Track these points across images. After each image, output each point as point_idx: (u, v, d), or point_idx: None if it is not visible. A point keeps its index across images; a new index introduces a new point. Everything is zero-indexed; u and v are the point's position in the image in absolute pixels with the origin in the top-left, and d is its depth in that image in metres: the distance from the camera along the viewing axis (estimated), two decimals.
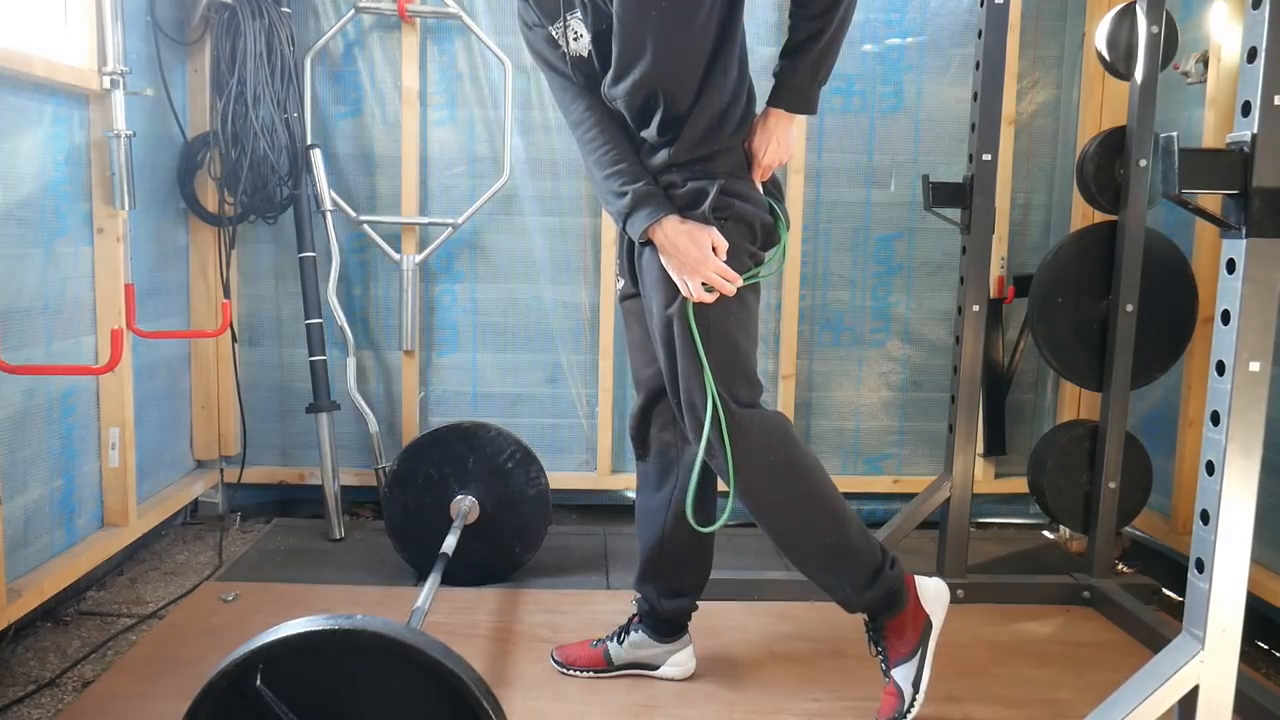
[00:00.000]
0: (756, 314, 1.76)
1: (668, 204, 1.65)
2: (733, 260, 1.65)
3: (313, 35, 2.83)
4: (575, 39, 1.65)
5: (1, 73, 1.93)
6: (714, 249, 1.62)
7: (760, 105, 1.74)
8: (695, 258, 1.61)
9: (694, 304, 1.65)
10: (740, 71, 1.68)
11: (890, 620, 1.78)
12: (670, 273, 1.65)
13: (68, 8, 2.20)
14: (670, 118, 1.63)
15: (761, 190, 1.73)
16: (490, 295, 2.96)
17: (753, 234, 1.69)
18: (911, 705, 1.75)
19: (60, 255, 2.17)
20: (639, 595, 1.97)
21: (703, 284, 1.63)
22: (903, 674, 1.77)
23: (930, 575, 2.47)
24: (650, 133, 1.65)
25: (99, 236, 2.29)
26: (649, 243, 1.67)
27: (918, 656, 1.77)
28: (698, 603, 1.98)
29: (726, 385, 1.67)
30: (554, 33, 1.68)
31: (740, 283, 1.65)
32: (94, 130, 2.27)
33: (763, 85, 1.71)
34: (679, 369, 1.68)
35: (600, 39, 1.63)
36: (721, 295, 1.64)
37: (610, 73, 1.64)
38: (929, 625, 1.79)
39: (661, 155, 1.66)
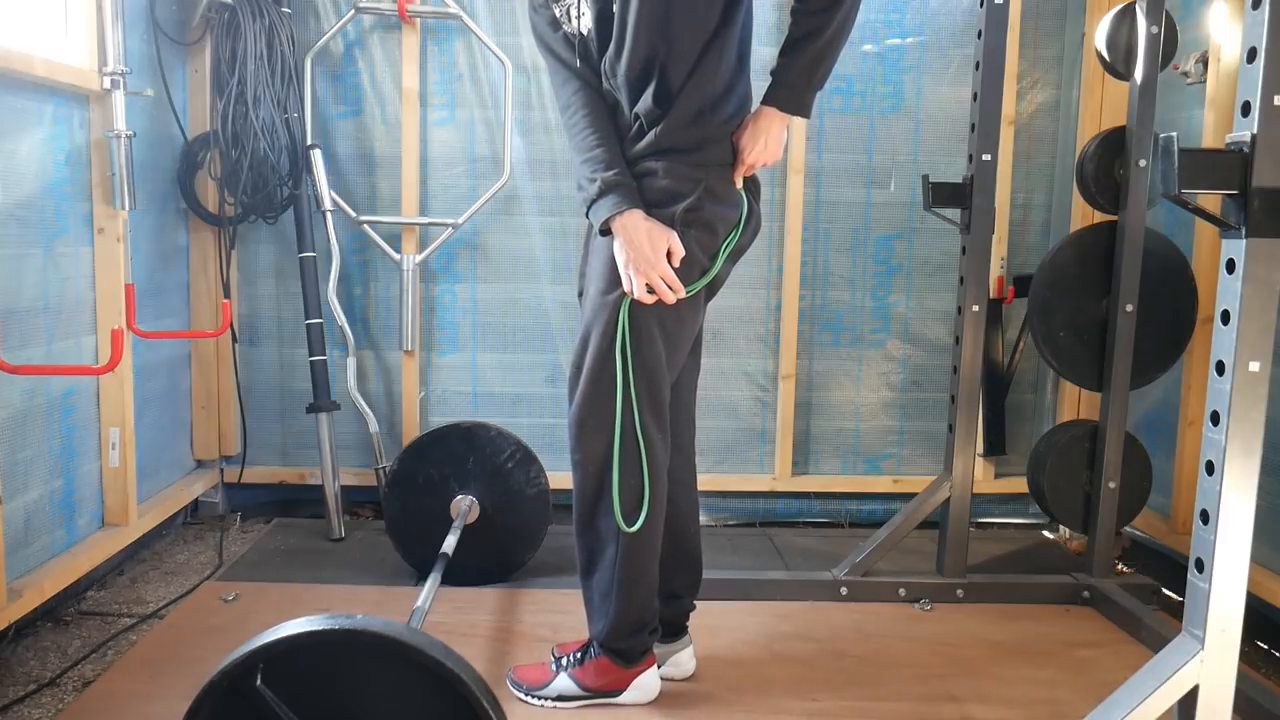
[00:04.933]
0: (688, 335, 1.77)
1: (636, 198, 1.65)
2: (684, 270, 1.66)
3: (313, 35, 2.83)
4: (579, 16, 1.67)
5: (2, 73, 1.94)
6: (669, 254, 1.63)
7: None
8: (648, 258, 1.62)
9: (631, 302, 1.66)
10: (739, 63, 1.69)
11: (606, 659, 1.81)
12: (619, 264, 1.65)
13: (68, 8, 2.20)
14: (664, 91, 1.63)
15: (740, 185, 1.73)
16: (490, 295, 2.96)
17: (715, 244, 1.70)
18: (543, 697, 1.83)
19: (60, 255, 2.17)
20: None
21: (646, 285, 1.64)
22: (567, 679, 1.83)
23: (929, 575, 2.47)
24: (645, 105, 1.64)
25: (99, 236, 2.29)
26: (607, 232, 1.67)
27: (587, 692, 1.82)
28: (695, 602, 1.98)
29: (640, 385, 1.69)
30: (558, 11, 1.70)
31: (683, 294, 1.66)
32: (94, 130, 2.27)
33: (760, 86, 1.71)
34: (592, 348, 1.70)
35: (603, 17, 1.64)
36: (659, 301, 1.66)
37: (612, 44, 1.64)
38: (616, 694, 1.83)
39: (649, 138, 1.66)
